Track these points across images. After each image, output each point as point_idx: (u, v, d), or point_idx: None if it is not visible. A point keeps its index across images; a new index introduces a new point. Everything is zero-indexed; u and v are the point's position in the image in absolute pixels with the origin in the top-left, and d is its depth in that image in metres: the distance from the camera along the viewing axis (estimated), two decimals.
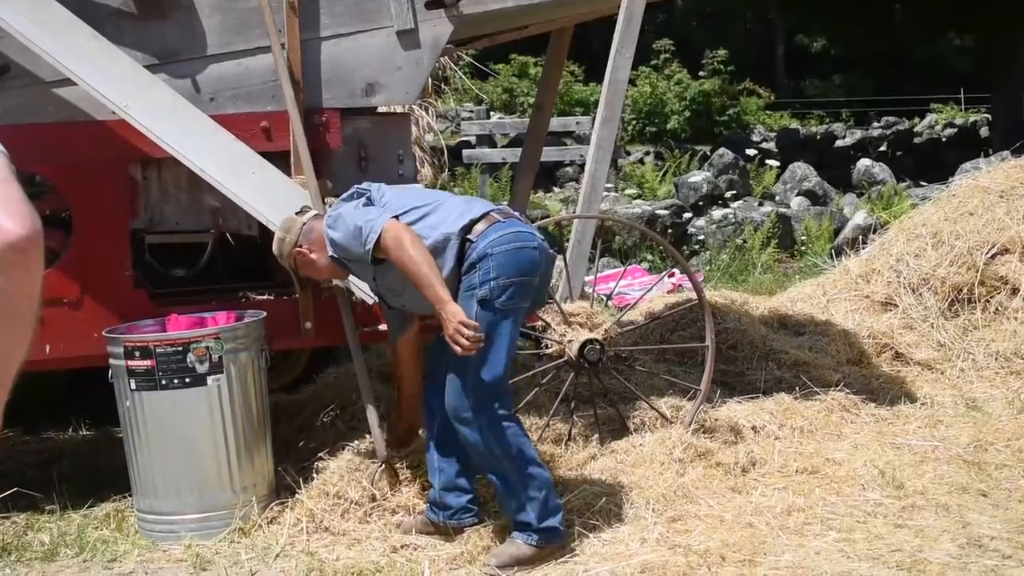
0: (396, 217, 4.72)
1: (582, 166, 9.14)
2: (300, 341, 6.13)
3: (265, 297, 6.17)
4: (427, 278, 4.59)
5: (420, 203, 4.90)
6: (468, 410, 4.72)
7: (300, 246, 5.03)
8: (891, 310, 8.13)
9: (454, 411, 4.77)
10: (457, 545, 4.97)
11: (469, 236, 4.75)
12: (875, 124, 29.77)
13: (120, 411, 5.38)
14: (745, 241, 13.23)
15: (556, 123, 15.26)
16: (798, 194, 15.57)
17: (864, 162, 18.10)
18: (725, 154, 16.97)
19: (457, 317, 4.52)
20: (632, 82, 23.29)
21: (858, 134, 27.34)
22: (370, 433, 5.54)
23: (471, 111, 20.67)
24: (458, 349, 4.52)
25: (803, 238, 13.64)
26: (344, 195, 5.05)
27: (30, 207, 1.67)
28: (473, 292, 4.68)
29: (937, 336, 7.88)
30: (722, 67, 26.70)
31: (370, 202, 4.90)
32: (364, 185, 5.01)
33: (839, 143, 26.21)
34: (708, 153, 18.90)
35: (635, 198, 15.68)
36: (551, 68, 7.87)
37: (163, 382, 5.23)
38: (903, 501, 5.35)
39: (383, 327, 6.05)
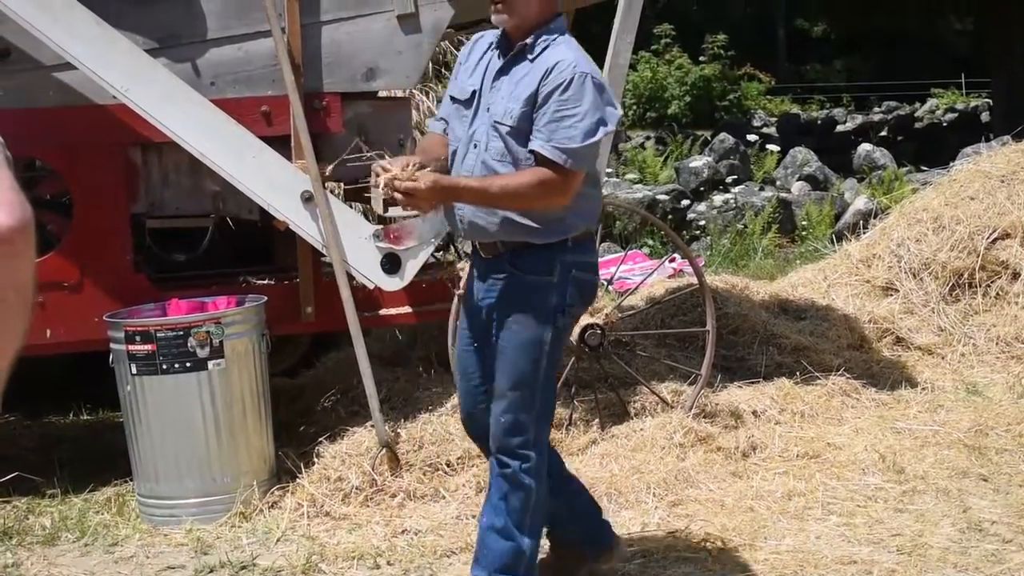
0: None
1: None
2: (301, 326, 6.14)
3: (266, 282, 6.17)
4: (485, 197, 3.94)
5: (598, 165, 4.22)
6: (530, 447, 4.02)
7: None
8: (892, 295, 8.12)
9: (511, 442, 4.02)
10: (459, 538, 4.96)
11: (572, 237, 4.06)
12: (876, 109, 29.71)
13: (121, 395, 5.39)
14: (746, 226, 13.21)
15: None
16: (799, 179, 15.54)
17: (865, 147, 18.07)
18: (726, 139, 16.95)
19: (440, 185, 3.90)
20: (633, 67, 23.26)
21: (859, 119, 27.28)
22: (371, 418, 5.54)
23: None
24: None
25: (804, 223, 13.62)
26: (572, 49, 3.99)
27: (20, 196, 1.66)
28: (549, 312, 4.00)
29: (938, 321, 7.88)
30: (722, 52, 26.64)
31: (607, 99, 3.96)
32: (598, 76, 3.97)
33: (840, 128, 26.17)
34: (709, 138, 18.87)
35: (636, 183, 15.65)
36: None
37: (164, 366, 5.23)
38: (904, 485, 5.36)
39: (384, 312, 6.07)
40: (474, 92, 4.07)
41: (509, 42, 4.04)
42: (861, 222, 11.08)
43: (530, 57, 3.95)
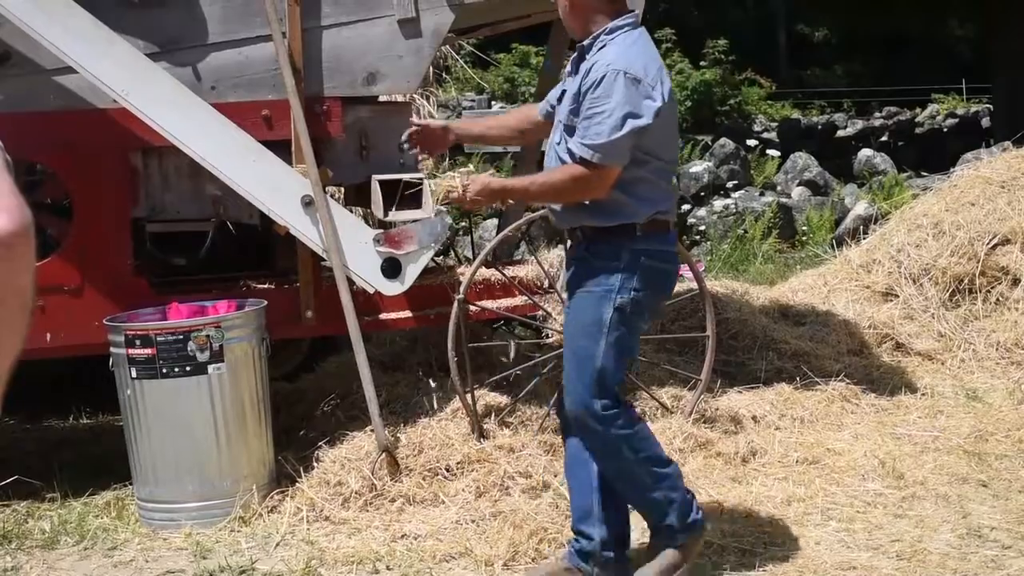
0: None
1: None
2: (301, 329, 6.14)
3: (266, 286, 6.17)
4: (528, 195, 4.44)
5: (666, 156, 4.29)
6: (597, 420, 4.22)
7: None
8: (892, 300, 8.13)
9: (578, 418, 4.27)
10: (458, 542, 4.96)
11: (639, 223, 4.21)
12: (877, 114, 29.70)
13: (121, 399, 5.39)
14: (746, 231, 13.22)
15: None
16: (799, 184, 15.54)
17: (865, 152, 18.05)
18: (726, 144, 16.93)
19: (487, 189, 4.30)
20: None
21: (859, 124, 27.26)
22: (371, 422, 5.54)
23: (472, 100, 20.65)
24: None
25: (804, 228, 13.63)
26: (629, 24, 4.22)
27: (20, 200, 1.67)
28: (610, 293, 4.17)
29: (938, 326, 7.88)
30: (723, 57, 26.63)
31: (643, 92, 4.09)
32: (637, 69, 4.09)
33: (840, 133, 26.15)
34: (709, 143, 18.84)
35: None
36: (552, 57, 7.85)
37: (164, 370, 5.23)
38: (903, 491, 5.36)
39: (384, 316, 6.07)
40: (564, 92, 4.37)
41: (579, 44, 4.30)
42: (861, 227, 11.09)
43: (588, 57, 4.21)
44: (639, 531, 4.63)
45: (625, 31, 4.18)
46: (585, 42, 4.21)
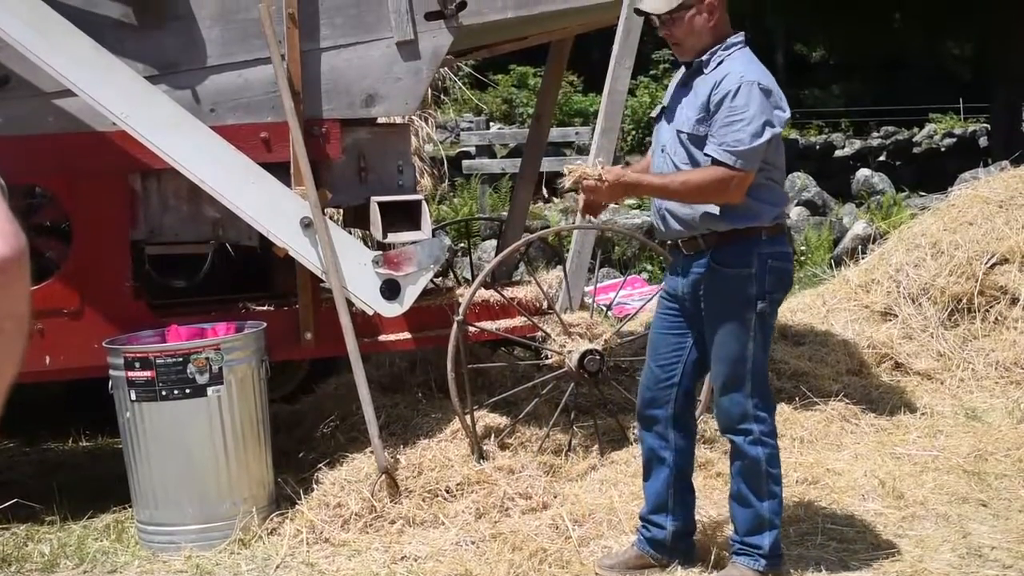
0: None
1: None
2: (300, 351, 6.14)
3: (265, 308, 6.17)
4: (666, 192, 4.49)
5: (781, 163, 4.56)
6: (750, 420, 4.49)
7: None
8: (891, 320, 8.13)
9: (732, 420, 4.53)
10: (458, 564, 4.96)
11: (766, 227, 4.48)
12: (874, 134, 29.76)
13: (120, 422, 5.38)
14: None
15: (556, 133, 15.28)
16: (797, 204, 15.54)
17: (863, 172, 18.07)
18: None
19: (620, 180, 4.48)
20: (631, 92, 23.31)
21: (857, 144, 27.32)
22: (370, 444, 5.53)
23: (471, 121, 20.73)
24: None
25: (802, 248, 13.62)
26: (742, 43, 4.55)
27: (15, 226, 1.67)
28: (750, 300, 4.41)
29: (937, 346, 7.88)
30: None
31: (774, 103, 4.39)
32: (766, 82, 4.41)
33: (838, 153, 26.19)
34: None
35: (634, 208, 15.68)
36: (550, 78, 7.88)
37: (163, 393, 5.23)
38: (903, 511, 5.36)
39: (383, 337, 6.07)
40: (663, 108, 4.66)
41: (690, 62, 4.56)
42: (860, 247, 11.09)
43: (706, 72, 4.47)
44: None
45: (740, 47, 4.52)
46: (704, 57, 4.47)
